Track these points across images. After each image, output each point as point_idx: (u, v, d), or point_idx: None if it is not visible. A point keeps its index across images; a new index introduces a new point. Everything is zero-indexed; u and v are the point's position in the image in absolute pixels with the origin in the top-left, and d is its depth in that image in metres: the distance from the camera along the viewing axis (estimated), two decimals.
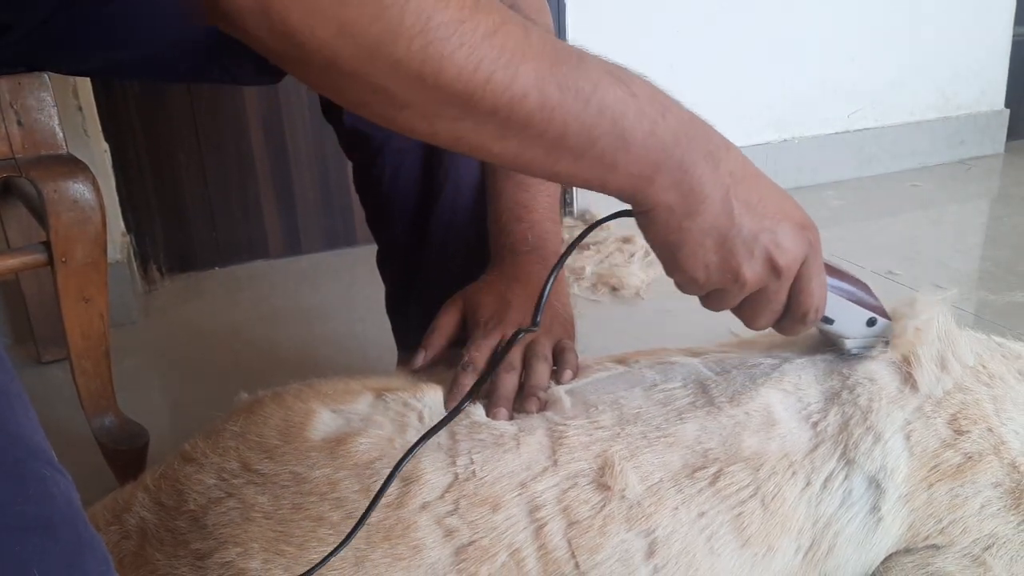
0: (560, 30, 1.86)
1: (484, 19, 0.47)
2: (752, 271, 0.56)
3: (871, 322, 0.63)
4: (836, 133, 2.19)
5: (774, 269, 0.57)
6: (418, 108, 0.49)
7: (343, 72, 0.47)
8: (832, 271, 0.62)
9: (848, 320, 0.63)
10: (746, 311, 0.60)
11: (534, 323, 0.64)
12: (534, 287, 0.75)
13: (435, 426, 0.58)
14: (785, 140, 2.13)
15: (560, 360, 0.69)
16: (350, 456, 0.57)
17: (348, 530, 0.53)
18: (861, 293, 0.63)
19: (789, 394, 0.62)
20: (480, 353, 0.68)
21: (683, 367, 0.66)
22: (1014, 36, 2.32)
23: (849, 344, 0.64)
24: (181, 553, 0.55)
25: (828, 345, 0.66)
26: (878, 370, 0.63)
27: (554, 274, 0.64)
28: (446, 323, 0.75)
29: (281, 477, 0.57)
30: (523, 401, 0.63)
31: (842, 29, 2.11)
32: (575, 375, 0.67)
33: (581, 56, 0.51)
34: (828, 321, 0.62)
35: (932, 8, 2.19)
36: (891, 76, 2.20)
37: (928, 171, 2.27)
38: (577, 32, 1.87)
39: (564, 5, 1.85)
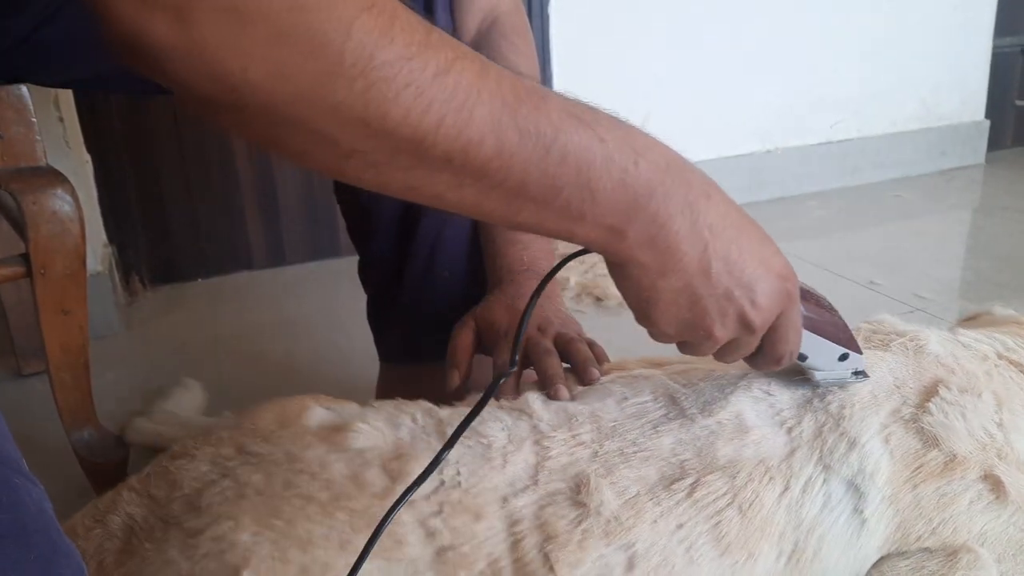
0: (544, 44, 1.87)
1: (434, 56, 0.43)
2: (724, 330, 0.55)
3: (843, 357, 0.64)
4: (819, 144, 2.21)
5: (747, 326, 0.55)
6: (365, 157, 0.45)
7: (280, 118, 0.42)
8: (813, 306, 0.62)
9: (821, 355, 0.63)
10: (718, 353, 0.59)
11: (512, 363, 0.64)
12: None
13: (475, 408, 0.58)
14: (768, 151, 2.15)
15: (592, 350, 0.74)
16: (345, 441, 0.59)
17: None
18: (836, 330, 0.64)
19: (759, 400, 0.63)
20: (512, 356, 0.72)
21: (648, 381, 0.67)
22: (994, 48, 2.34)
23: (819, 376, 0.64)
24: (172, 535, 0.55)
25: (796, 374, 0.66)
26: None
27: (531, 305, 0.63)
28: (464, 341, 0.78)
29: (275, 456, 0.59)
30: (583, 373, 0.67)
31: (825, 41, 2.13)
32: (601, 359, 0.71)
33: (543, 96, 0.47)
34: (802, 358, 0.63)
35: (914, 20, 2.21)
36: (873, 87, 2.22)
37: (910, 181, 2.29)
38: (561, 47, 1.88)
39: (548, 19, 1.86)
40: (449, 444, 0.56)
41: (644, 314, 0.55)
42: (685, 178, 0.51)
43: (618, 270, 0.53)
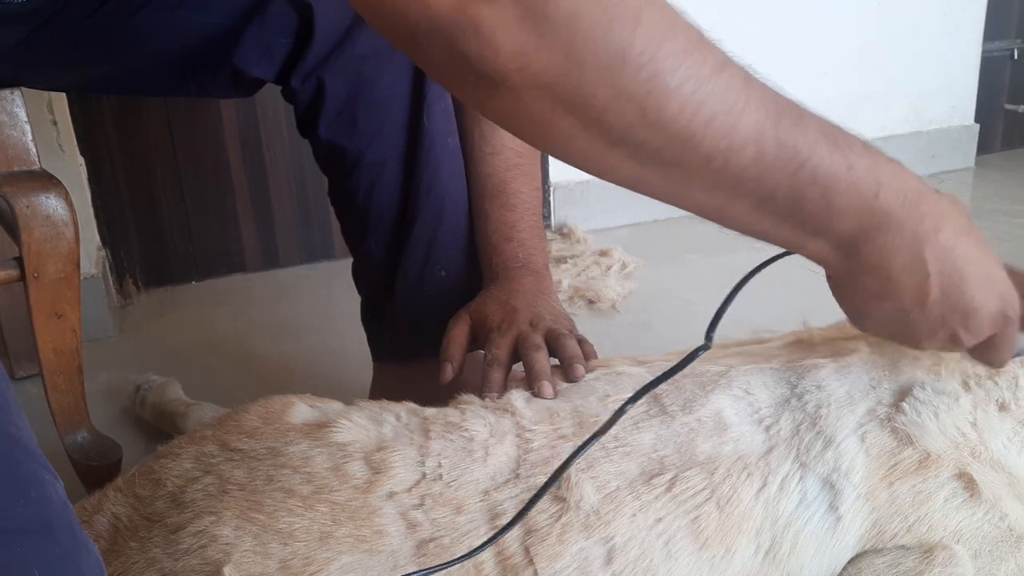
0: None
1: (710, 54, 0.44)
2: (931, 343, 0.58)
3: (1018, 352, 0.64)
4: None
5: (955, 344, 0.58)
6: (629, 149, 0.45)
7: (560, 101, 0.43)
8: None
9: None
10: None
11: (708, 339, 0.61)
12: (531, 296, 0.81)
13: (602, 428, 0.60)
14: None
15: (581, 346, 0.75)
16: (328, 436, 0.60)
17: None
18: None
19: (739, 399, 0.64)
20: (501, 350, 0.73)
21: (631, 377, 0.68)
22: (983, 52, 2.36)
23: None
24: (155, 532, 0.56)
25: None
26: (825, 377, 0.65)
27: (741, 287, 0.63)
28: (458, 335, 0.79)
29: (258, 452, 0.60)
30: (568, 370, 0.68)
31: (815, 45, 2.14)
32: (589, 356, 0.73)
33: (801, 113, 0.49)
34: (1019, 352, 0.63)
35: (903, 24, 2.22)
36: (863, 91, 2.23)
37: None
38: None
39: None
40: (638, 396, 0.59)
41: (856, 320, 0.59)
42: (919, 212, 0.52)
43: (836, 282, 0.56)
